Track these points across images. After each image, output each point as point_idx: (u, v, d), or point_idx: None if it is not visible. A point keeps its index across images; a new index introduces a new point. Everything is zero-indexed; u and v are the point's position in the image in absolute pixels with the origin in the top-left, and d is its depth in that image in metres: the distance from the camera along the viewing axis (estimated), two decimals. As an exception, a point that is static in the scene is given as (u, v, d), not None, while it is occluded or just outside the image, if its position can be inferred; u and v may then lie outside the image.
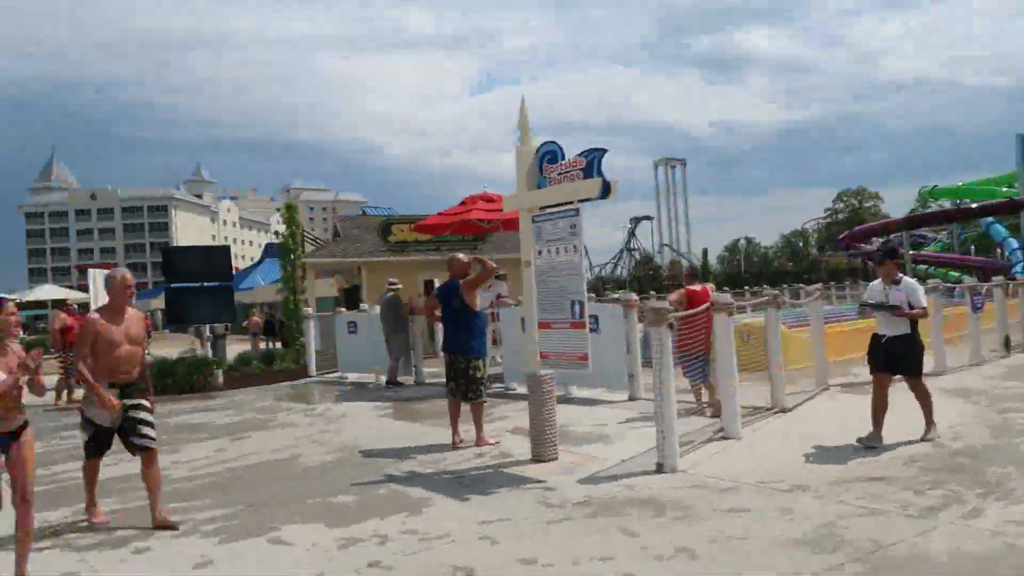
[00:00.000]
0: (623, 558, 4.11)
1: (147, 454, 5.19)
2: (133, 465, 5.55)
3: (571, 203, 6.09)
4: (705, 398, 8.33)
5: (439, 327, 16.33)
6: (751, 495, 5.12)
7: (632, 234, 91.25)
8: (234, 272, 24.10)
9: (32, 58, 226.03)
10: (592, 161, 5.92)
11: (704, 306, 7.25)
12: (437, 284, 22.14)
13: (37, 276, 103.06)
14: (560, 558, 4.15)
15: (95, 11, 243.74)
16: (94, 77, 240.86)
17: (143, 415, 5.22)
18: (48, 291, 38.40)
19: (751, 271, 75.37)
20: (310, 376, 14.43)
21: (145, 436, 5.18)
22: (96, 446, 5.29)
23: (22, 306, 40.80)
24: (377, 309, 13.38)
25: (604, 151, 5.94)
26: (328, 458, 7.18)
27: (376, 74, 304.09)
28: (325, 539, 4.73)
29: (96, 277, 16.69)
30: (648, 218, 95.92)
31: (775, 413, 7.95)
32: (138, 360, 5.31)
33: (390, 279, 13.11)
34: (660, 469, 5.83)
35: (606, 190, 5.86)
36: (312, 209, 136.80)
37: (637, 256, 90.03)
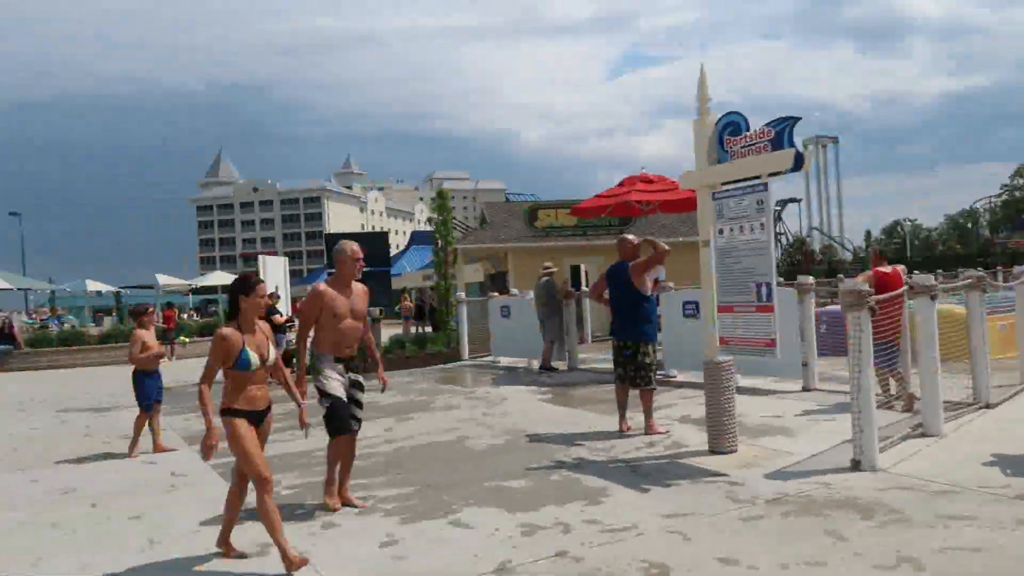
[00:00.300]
0: (837, 565, 3.72)
1: (343, 439, 5.13)
2: (312, 441, 5.69)
3: (757, 178, 5.67)
4: (893, 390, 7.62)
5: (591, 311, 16.20)
6: (974, 500, 4.55)
7: (779, 217, 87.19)
8: (385, 258, 25.00)
9: (201, 65, 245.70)
10: (783, 131, 5.46)
11: (902, 289, 6.59)
12: (584, 269, 21.98)
13: (207, 264, 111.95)
14: (765, 560, 3.82)
15: (254, 19, 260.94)
16: (256, 80, 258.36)
17: (359, 395, 5.19)
18: (218, 277, 41.32)
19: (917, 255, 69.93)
20: (463, 360, 14.63)
21: (354, 417, 5.15)
22: (338, 422, 5.05)
23: (196, 291, 44.30)
24: (530, 294, 13.35)
25: (796, 119, 5.47)
26: (495, 441, 7.14)
27: (513, 62, 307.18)
28: (506, 524, 4.63)
29: (265, 262, 17.75)
30: (795, 200, 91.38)
31: (977, 409, 7.16)
32: (359, 335, 5.17)
33: (545, 263, 13.00)
34: (857, 467, 5.33)
35: (799, 162, 5.40)
36: (454, 197, 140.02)
37: (784, 240, 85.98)
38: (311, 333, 5.07)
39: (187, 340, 22.47)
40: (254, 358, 4.14)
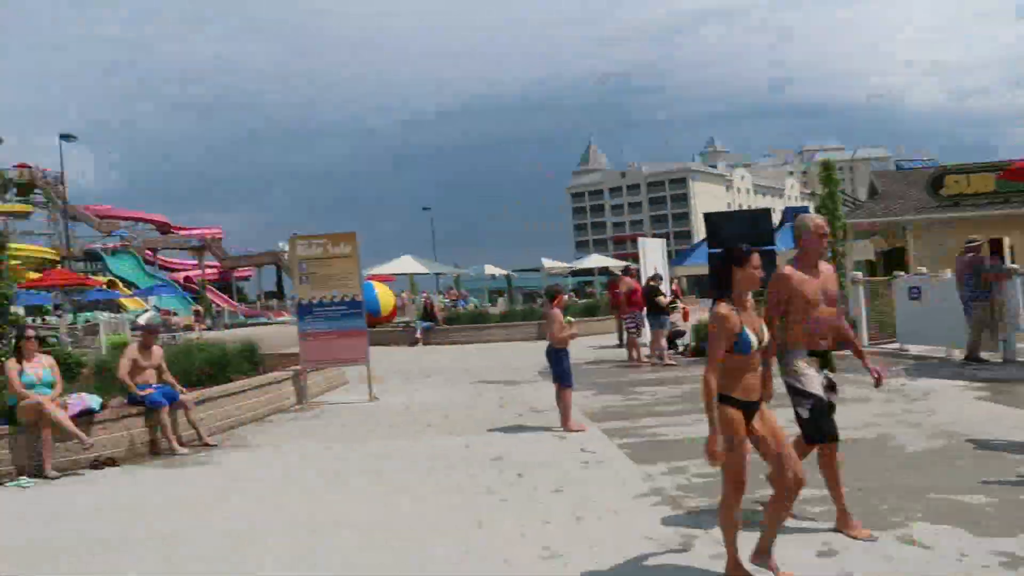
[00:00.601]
0: None
1: (826, 447, 4.35)
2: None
3: None
4: None
5: (1023, 293, 13.52)
6: None
7: None
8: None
9: (565, 64, 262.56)
10: None
11: None
12: (1008, 242, 18.60)
13: (581, 247, 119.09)
14: None
15: (615, 10, 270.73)
16: (613, 69, 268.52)
17: (833, 398, 4.47)
18: (594, 260, 43.59)
19: None
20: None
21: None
22: (820, 426, 4.29)
23: (575, 273, 47.23)
24: (947, 273, 11.55)
25: None
26: (929, 444, 6.18)
27: (892, 13, 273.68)
28: (974, 550, 3.86)
29: (644, 244, 18.04)
30: None
31: None
32: (834, 324, 4.58)
33: (970, 236, 11.13)
34: None
35: None
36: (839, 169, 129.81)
37: None
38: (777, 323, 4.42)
39: (573, 320, 23.92)
40: (753, 339, 3.60)
